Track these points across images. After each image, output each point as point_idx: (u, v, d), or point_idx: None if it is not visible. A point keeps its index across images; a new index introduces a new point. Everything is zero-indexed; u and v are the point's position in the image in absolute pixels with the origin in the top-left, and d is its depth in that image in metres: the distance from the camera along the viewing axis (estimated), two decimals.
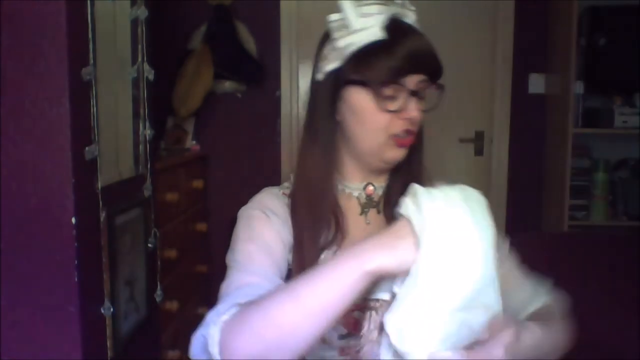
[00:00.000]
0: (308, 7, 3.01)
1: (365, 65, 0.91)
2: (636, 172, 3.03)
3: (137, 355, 1.54)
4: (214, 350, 0.74)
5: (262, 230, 0.94)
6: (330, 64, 0.95)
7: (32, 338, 1.22)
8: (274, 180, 1.12)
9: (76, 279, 1.20)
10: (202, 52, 2.81)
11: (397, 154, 0.97)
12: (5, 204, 1.18)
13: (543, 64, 3.05)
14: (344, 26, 0.93)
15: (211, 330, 0.76)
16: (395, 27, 0.92)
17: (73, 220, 1.18)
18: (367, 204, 1.02)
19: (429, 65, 0.93)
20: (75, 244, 1.19)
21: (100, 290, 1.31)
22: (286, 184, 1.05)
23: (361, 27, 0.91)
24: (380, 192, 1.03)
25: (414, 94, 0.93)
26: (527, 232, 2.88)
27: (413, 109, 0.93)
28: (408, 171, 1.01)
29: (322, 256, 0.96)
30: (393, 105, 0.93)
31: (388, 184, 1.03)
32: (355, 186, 1.02)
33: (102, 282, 1.32)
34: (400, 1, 0.96)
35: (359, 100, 0.94)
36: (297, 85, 3.06)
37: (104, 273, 1.32)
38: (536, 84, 3.07)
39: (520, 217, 3.09)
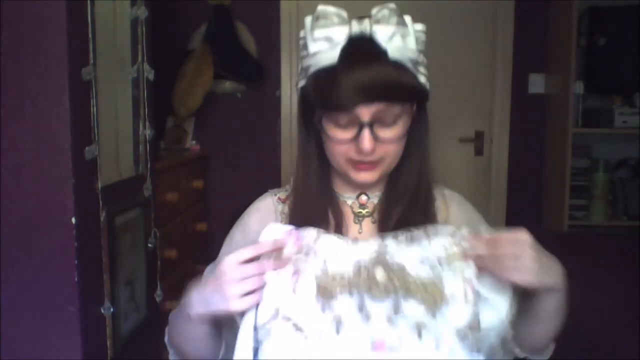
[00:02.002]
0: (308, 7, 3.01)
1: (315, 91, 0.88)
2: (636, 172, 3.03)
3: (137, 355, 1.54)
4: (165, 339, 1.02)
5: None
6: (300, 81, 0.93)
7: (32, 338, 1.22)
8: (274, 180, 1.12)
9: (76, 279, 1.20)
10: (202, 52, 2.81)
11: (363, 177, 0.93)
12: (5, 204, 1.18)
13: (543, 64, 3.05)
14: (305, 45, 0.90)
15: (166, 329, 1.02)
16: (349, 52, 0.85)
17: (73, 220, 1.18)
18: (361, 214, 1.00)
19: (381, 95, 0.85)
20: (75, 244, 1.19)
21: (100, 290, 1.31)
22: (287, 187, 1.05)
23: (315, 51, 0.87)
24: (375, 200, 1.01)
25: (370, 124, 0.86)
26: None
27: (365, 141, 0.86)
28: (405, 180, 0.98)
29: None
30: (344, 135, 0.88)
31: (383, 192, 1.00)
32: (348, 195, 1.01)
33: (102, 282, 1.32)
34: (372, 17, 0.88)
35: (320, 122, 0.91)
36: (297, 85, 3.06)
37: (104, 273, 1.32)
38: (536, 84, 3.07)
39: (520, 217, 3.09)
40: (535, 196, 3.11)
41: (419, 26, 0.92)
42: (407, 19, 0.90)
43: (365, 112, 0.86)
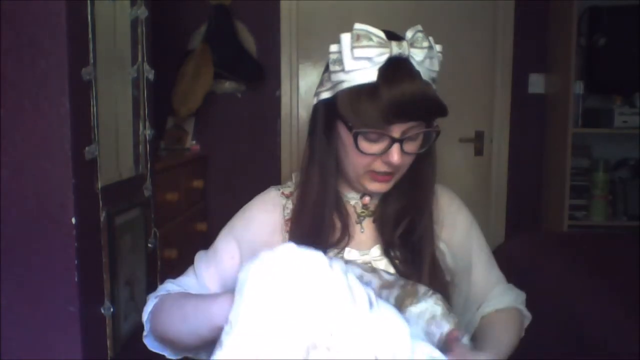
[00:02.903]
0: (308, 7, 3.01)
1: (350, 107, 0.91)
2: (636, 172, 3.03)
3: (137, 355, 1.54)
4: (144, 317, 1.01)
5: (223, 247, 1.05)
6: (325, 93, 0.96)
7: (32, 338, 1.22)
8: (274, 180, 1.13)
9: (76, 279, 1.20)
10: (202, 52, 2.81)
11: (377, 187, 0.97)
12: (5, 204, 1.18)
13: (543, 64, 3.05)
14: (339, 61, 0.91)
15: (148, 302, 1.02)
16: (388, 71, 0.89)
17: (73, 220, 1.18)
18: (363, 213, 1.04)
19: (418, 113, 0.91)
20: (75, 244, 1.19)
21: (100, 290, 1.31)
22: (289, 183, 1.07)
23: (353, 69, 0.90)
24: (376, 201, 1.04)
25: (400, 140, 0.91)
26: (527, 232, 2.88)
27: (394, 155, 0.91)
28: (407, 181, 1.01)
29: (330, 254, 0.97)
30: (373, 149, 0.92)
31: (388, 193, 1.02)
32: (352, 195, 1.04)
33: (102, 282, 1.32)
34: (407, 39, 0.91)
35: (344, 136, 0.94)
36: (297, 85, 3.06)
37: (104, 273, 1.32)
38: (536, 84, 3.07)
39: (520, 217, 3.09)
40: (535, 196, 3.11)
41: (439, 47, 0.98)
42: (431, 40, 0.95)
43: (397, 129, 0.90)
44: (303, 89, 3.05)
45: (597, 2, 2.86)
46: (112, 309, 1.33)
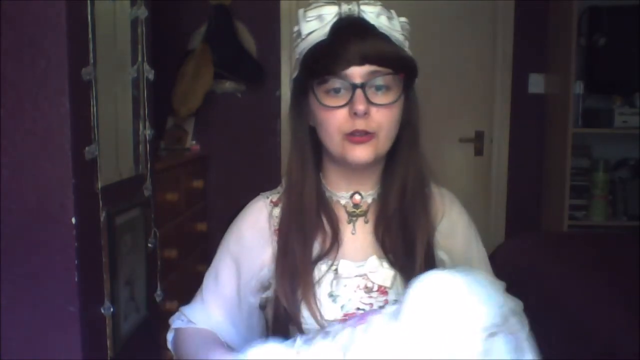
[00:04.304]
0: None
1: (308, 67, 0.93)
2: (636, 172, 3.03)
3: (137, 355, 1.53)
4: (170, 347, 1.09)
5: (223, 268, 1.05)
6: (294, 73, 0.98)
7: (32, 338, 1.22)
8: (274, 180, 1.12)
9: (76, 279, 1.19)
10: (202, 52, 2.81)
11: (358, 154, 0.92)
12: (5, 204, 1.18)
13: (543, 64, 3.05)
14: (299, 34, 0.95)
15: (168, 335, 1.10)
16: (340, 26, 0.91)
17: (73, 220, 1.18)
18: (354, 213, 1.01)
19: (375, 58, 0.89)
20: (75, 244, 1.19)
21: (100, 290, 1.31)
22: (278, 188, 1.06)
23: (308, 32, 0.93)
24: (369, 200, 1.01)
25: (362, 86, 0.89)
26: (527, 232, 2.88)
27: (358, 102, 0.88)
28: (401, 178, 0.98)
29: (322, 267, 0.97)
30: (336, 101, 0.91)
31: (380, 192, 1.01)
32: (341, 194, 1.01)
33: (102, 282, 1.31)
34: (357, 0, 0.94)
35: (313, 104, 0.94)
36: None
37: (104, 273, 1.32)
38: (536, 84, 3.07)
39: (520, 217, 3.09)
40: (535, 196, 3.11)
41: (403, 18, 0.97)
42: (392, 12, 0.96)
43: (357, 74, 0.89)
44: None
45: (597, 2, 2.86)
46: (112, 309, 1.33)
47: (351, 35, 0.90)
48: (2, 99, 1.16)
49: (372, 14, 0.92)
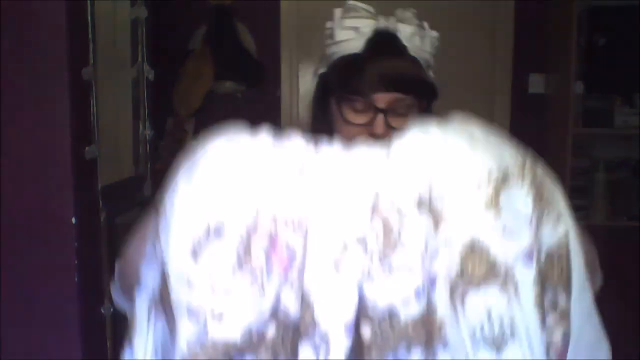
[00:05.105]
0: (308, 7, 3.01)
1: (337, 76, 0.94)
2: (636, 172, 3.02)
3: None
4: None
5: None
6: (321, 68, 0.99)
7: (32, 338, 1.22)
8: None
9: (76, 279, 1.19)
10: (202, 52, 2.81)
11: None
12: (5, 204, 1.18)
13: (543, 64, 3.04)
14: (332, 34, 0.96)
15: None
16: (375, 42, 0.92)
17: (73, 220, 1.18)
18: None
19: (399, 84, 0.92)
20: (75, 244, 1.19)
21: (100, 290, 1.31)
22: None
23: (342, 39, 0.94)
24: None
25: (384, 111, 0.91)
26: None
27: (378, 126, 0.91)
28: None
29: None
30: (358, 119, 0.93)
31: None
32: None
33: (102, 282, 1.32)
34: (396, 16, 0.96)
35: (334, 107, 0.96)
36: (297, 85, 3.06)
37: (104, 273, 1.32)
38: (536, 84, 3.07)
39: None
40: None
41: (435, 33, 1.00)
42: (425, 24, 0.98)
43: (381, 100, 0.91)
44: (303, 89, 3.05)
45: (597, 2, 2.86)
46: (112, 309, 1.33)
47: (384, 59, 0.91)
48: (2, 99, 1.16)
49: (406, 34, 0.94)
